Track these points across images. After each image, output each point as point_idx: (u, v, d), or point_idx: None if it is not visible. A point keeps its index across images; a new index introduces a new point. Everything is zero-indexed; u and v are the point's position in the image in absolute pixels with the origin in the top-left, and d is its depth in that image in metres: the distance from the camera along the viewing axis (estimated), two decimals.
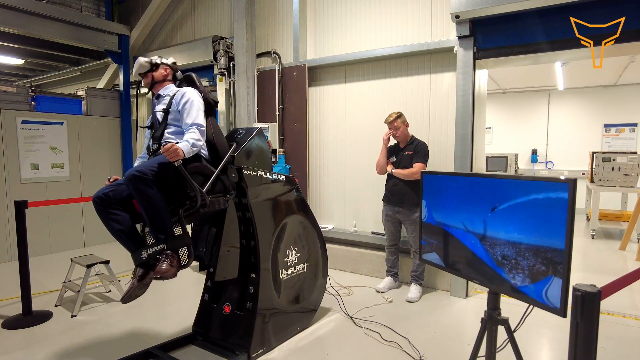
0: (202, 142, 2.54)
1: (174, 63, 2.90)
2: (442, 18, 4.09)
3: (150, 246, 2.38)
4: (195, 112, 2.59)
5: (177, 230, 2.42)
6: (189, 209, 2.45)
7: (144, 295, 3.81)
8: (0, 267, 5.06)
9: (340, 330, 3.24)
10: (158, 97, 2.80)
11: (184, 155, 2.37)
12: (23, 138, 5.36)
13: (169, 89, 2.80)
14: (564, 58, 4.67)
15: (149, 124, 2.81)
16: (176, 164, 2.33)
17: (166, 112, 2.67)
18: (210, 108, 2.79)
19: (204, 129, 2.58)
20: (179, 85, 2.85)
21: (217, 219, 2.74)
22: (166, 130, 2.67)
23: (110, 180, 2.64)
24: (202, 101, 2.69)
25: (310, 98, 5.05)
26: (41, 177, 5.54)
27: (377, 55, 4.44)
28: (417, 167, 3.75)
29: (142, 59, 2.75)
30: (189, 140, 2.45)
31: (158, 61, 2.79)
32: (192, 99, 2.62)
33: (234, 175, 2.71)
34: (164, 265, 2.35)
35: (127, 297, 2.40)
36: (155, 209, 2.33)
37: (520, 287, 1.56)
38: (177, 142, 2.43)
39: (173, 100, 2.66)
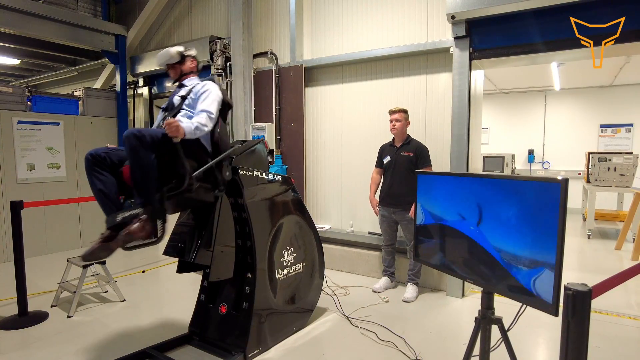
0: (207, 128, 2.50)
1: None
2: (438, 18, 4.10)
3: (127, 209, 2.34)
4: (210, 101, 2.60)
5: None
6: (173, 189, 2.41)
7: (141, 295, 3.79)
8: None
9: (337, 330, 3.24)
10: (181, 86, 2.83)
11: (184, 135, 2.35)
12: (19, 138, 5.35)
13: (193, 80, 2.83)
14: (560, 58, 4.69)
15: (165, 107, 2.82)
16: (174, 140, 2.31)
17: (184, 97, 2.71)
18: (225, 109, 2.81)
19: (214, 116, 2.56)
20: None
21: (204, 216, 2.71)
22: (179, 114, 2.68)
23: (109, 146, 2.63)
24: (221, 95, 2.70)
25: (307, 98, 5.05)
26: (37, 177, 5.53)
27: (374, 55, 4.45)
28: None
29: (172, 50, 2.77)
30: (194, 123, 2.44)
31: (187, 53, 2.82)
32: (211, 90, 2.65)
33: (227, 173, 2.71)
34: (135, 225, 2.26)
35: (89, 255, 2.29)
36: (145, 173, 2.29)
37: (512, 286, 1.56)
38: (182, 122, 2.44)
39: (193, 89, 2.70)
